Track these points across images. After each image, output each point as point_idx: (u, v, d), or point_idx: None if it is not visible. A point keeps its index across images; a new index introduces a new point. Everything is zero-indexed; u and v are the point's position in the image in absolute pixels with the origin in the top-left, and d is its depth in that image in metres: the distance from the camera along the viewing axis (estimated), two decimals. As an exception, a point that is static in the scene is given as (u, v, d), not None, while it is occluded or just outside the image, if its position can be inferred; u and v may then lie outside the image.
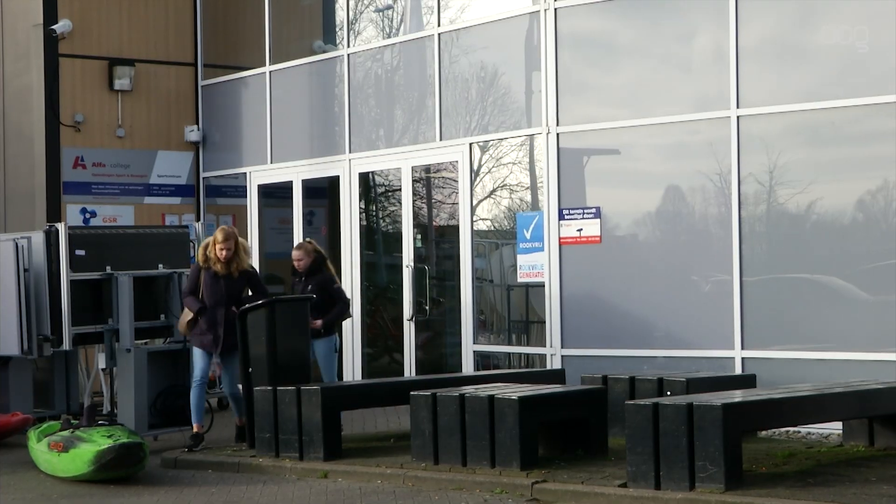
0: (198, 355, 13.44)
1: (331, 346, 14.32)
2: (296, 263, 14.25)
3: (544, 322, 15.09)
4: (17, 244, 14.84)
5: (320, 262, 14.22)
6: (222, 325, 13.32)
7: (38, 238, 14.91)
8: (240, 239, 13.54)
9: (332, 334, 14.38)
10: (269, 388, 12.60)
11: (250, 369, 13.12)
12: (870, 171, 13.28)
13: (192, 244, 15.60)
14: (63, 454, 12.14)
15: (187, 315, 13.47)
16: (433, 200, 17.57)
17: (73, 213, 18.62)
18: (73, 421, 12.79)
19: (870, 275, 13.22)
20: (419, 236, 17.15)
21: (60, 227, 14.80)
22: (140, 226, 18.53)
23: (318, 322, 13.81)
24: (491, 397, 11.39)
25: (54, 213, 18.24)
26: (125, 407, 14.15)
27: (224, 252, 13.19)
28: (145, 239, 15.57)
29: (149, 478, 12.19)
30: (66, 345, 14.69)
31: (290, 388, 12.53)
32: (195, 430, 13.30)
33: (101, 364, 14.72)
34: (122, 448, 11.87)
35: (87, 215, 18.82)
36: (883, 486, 9.98)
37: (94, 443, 11.98)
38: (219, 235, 13.33)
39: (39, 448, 12.66)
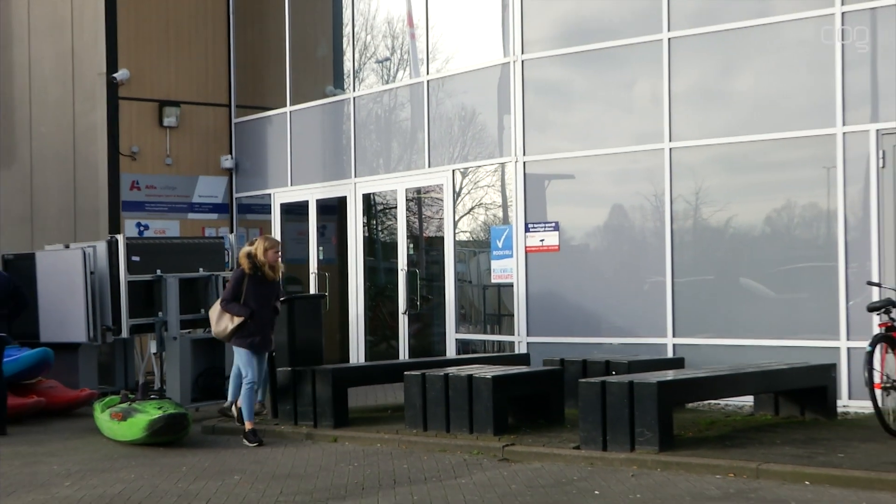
0: (249, 359, 12.08)
1: None
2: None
3: (513, 315, 15.10)
4: (84, 252, 14.91)
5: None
6: (270, 326, 12.25)
7: (102, 247, 14.99)
8: None
9: None
10: (290, 368, 12.67)
11: (274, 353, 13.15)
12: (776, 194, 13.37)
13: (226, 252, 15.63)
14: (122, 422, 12.17)
15: (227, 321, 12.09)
16: (423, 216, 17.60)
17: (130, 227, 18.63)
18: (130, 395, 12.80)
19: (775, 277, 13.31)
20: (411, 245, 17.18)
21: (120, 237, 14.87)
22: (184, 237, 18.56)
23: None
24: (470, 376, 11.44)
25: (115, 227, 18.25)
26: (172, 384, 14.17)
27: (279, 257, 12.16)
28: (188, 247, 15.60)
29: (192, 442, 12.21)
30: (125, 333, 14.78)
31: (306, 368, 12.61)
32: (248, 427, 11.99)
33: (153, 349, 14.77)
34: (170, 417, 11.90)
35: (142, 228, 18.83)
36: (785, 447, 10.09)
37: (147, 413, 11.99)
38: (267, 243, 12.07)
39: (103, 417, 12.68)
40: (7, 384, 13.61)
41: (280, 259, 12.25)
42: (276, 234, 19.05)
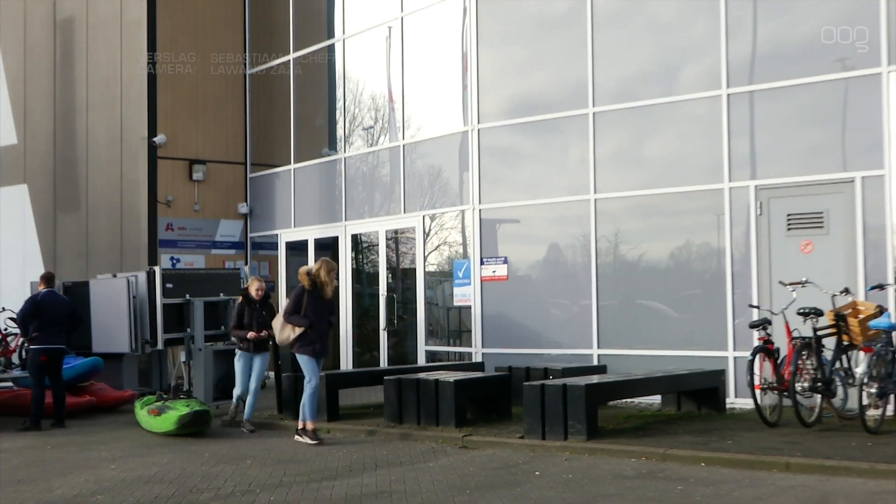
0: (310, 363, 11.16)
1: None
2: (259, 293, 12.43)
3: (471, 331, 15.12)
4: (128, 280, 14.86)
5: (269, 293, 13.03)
6: (326, 335, 11.50)
7: (143, 276, 14.93)
8: None
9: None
10: (292, 374, 12.60)
11: (280, 362, 13.08)
12: (678, 236, 13.44)
13: (241, 280, 15.58)
14: (157, 417, 12.11)
15: (289, 330, 11.21)
16: (399, 252, 17.59)
17: (165, 260, 18.53)
18: (163, 395, 12.75)
19: (678, 301, 13.37)
20: (390, 275, 17.16)
21: (157, 269, 14.83)
22: (208, 268, 18.48)
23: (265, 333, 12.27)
24: (436, 380, 11.46)
25: (153, 260, 18.16)
26: (198, 386, 14.10)
27: (335, 278, 11.39)
28: (211, 277, 15.55)
29: (213, 433, 12.15)
30: (160, 345, 14.71)
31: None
32: (311, 427, 11.16)
33: (182, 358, 14.68)
34: (196, 413, 11.86)
35: (174, 261, 18.73)
36: (686, 436, 10.15)
37: (178, 410, 11.95)
38: (328, 266, 11.26)
39: (141, 413, 12.62)
40: (65, 386, 13.54)
41: (335, 280, 11.47)
42: (282, 267, 19.05)
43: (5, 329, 16.37)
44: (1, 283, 21.31)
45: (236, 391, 12.48)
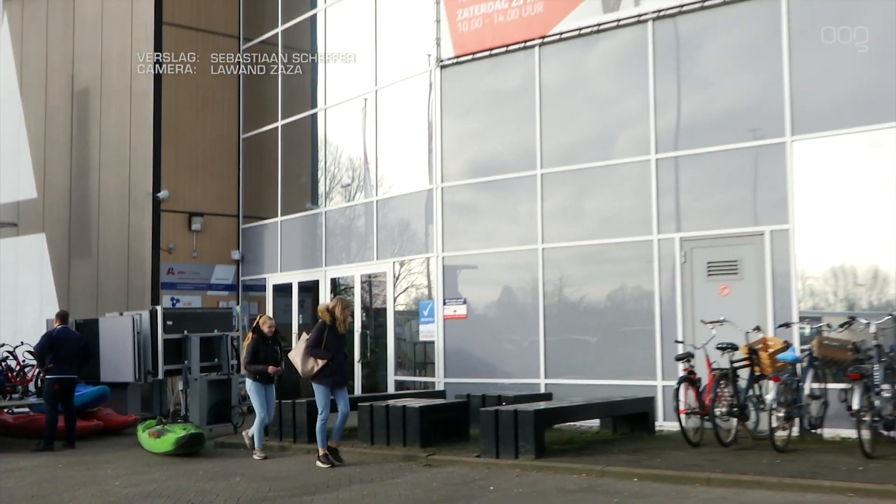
0: (326, 397, 10.59)
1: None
2: (271, 330, 11.80)
3: (434, 363, 15.09)
4: (133, 318, 14.76)
5: (278, 329, 12.53)
6: (344, 367, 10.84)
7: (146, 314, 14.83)
8: None
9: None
10: (277, 401, 12.49)
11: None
12: (615, 280, 13.50)
13: (234, 318, 15.49)
14: (157, 439, 11.97)
15: (311, 363, 10.57)
16: (372, 293, 17.57)
17: (166, 300, 18.40)
18: (163, 420, 12.62)
19: (614, 337, 13.40)
20: (364, 314, 17.12)
21: (159, 308, 14.72)
22: (204, 308, 18.40)
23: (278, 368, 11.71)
24: (404, 406, 11.43)
25: (156, 300, 18.03)
26: (193, 412, 13.94)
27: (350, 315, 10.95)
28: (207, 315, 15.46)
29: (206, 453, 12.01)
30: (160, 375, 14.55)
31: (289, 400, 12.49)
32: (322, 452, 10.66)
33: (180, 387, 14.54)
34: (192, 436, 11.74)
35: (174, 301, 18.60)
36: (621, 455, 10.17)
37: (175, 433, 11.83)
38: (343, 303, 10.66)
39: (143, 435, 12.47)
40: (76, 411, 13.36)
41: (351, 316, 10.80)
42: (269, 307, 18.93)
43: (23, 361, 16.15)
44: (21, 320, 21.06)
45: (261, 417, 11.59)
